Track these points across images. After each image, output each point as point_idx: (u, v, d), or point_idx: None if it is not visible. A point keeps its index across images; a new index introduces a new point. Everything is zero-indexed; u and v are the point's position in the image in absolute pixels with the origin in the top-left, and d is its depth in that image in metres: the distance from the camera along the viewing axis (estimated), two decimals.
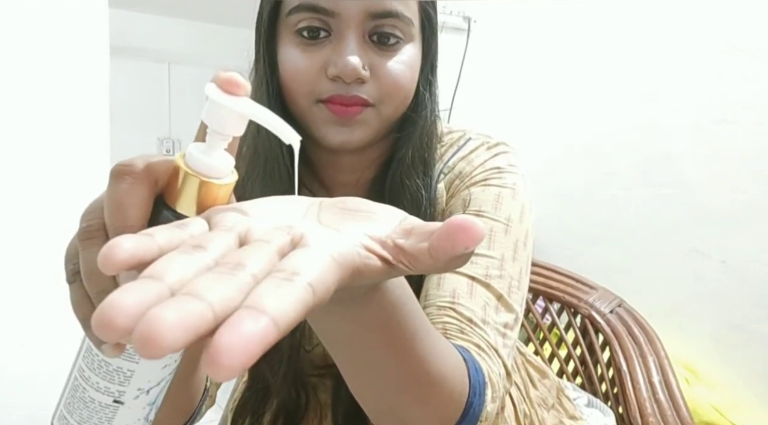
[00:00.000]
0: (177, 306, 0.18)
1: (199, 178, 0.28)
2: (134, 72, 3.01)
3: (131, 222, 0.27)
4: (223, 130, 0.28)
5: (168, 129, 3.26)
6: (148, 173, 0.28)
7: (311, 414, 0.66)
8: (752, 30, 1.28)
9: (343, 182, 0.63)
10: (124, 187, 0.27)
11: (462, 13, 1.74)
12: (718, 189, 1.33)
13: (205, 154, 0.29)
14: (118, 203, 0.27)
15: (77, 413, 0.34)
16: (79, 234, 0.29)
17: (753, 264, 1.27)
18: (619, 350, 0.92)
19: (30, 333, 1.08)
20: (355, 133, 0.55)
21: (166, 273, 0.20)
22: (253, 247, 0.22)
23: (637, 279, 1.44)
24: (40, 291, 1.08)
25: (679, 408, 0.84)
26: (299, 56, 0.54)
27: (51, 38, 1.06)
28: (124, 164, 0.28)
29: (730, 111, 1.31)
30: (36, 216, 1.07)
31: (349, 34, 0.53)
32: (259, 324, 0.18)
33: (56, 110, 1.08)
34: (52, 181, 1.08)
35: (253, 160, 0.59)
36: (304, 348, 0.63)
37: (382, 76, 0.55)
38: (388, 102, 0.56)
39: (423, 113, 0.59)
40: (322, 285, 0.21)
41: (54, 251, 1.09)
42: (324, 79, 0.54)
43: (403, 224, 0.28)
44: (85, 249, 0.28)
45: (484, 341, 0.49)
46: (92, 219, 0.29)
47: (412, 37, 0.56)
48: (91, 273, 0.28)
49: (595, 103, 1.60)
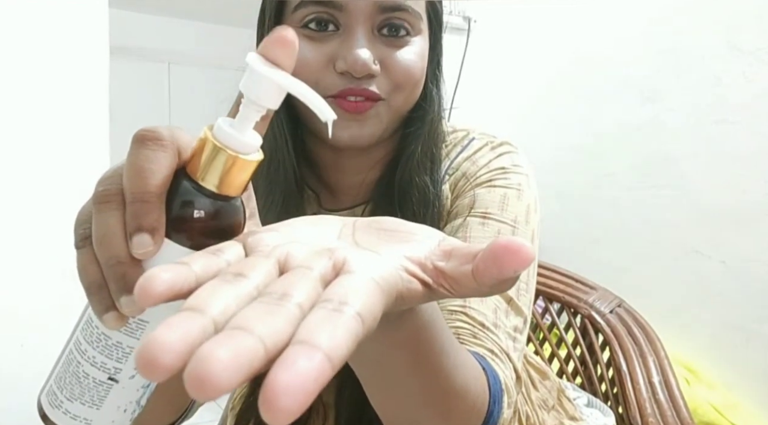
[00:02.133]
0: (229, 343, 0.17)
1: (227, 151, 0.27)
2: (134, 72, 3.01)
3: (152, 189, 0.26)
4: (259, 100, 0.27)
5: None
6: (173, 141, 0.27)
7: (314, 416, 0.65)
8: (752, 30, 1.28)
9: (348, 184, 0.63)
10: (147, 152, 0.26)
11: (462, 13, 1.74)
12: (718, 189, 1.33)
13: (235, 128, 0.27)
14: (140, 168, 0.26)
15: (68, 389, 0.32)
16: (95, 198, 0.28)
17: (753, 264, 1.27)
18: (619, 350, 0.92)
19: (30, 333, 1.08)
20: (365, 128, 0.54)
21: (209, 305, 0.19)
22: (296, 275, 0.21)
23: (637, 279, 1.44)
24: (40, 291, 1.08)
25: (678, 409, 0.84)
26: (306, 48, 0.53)
27: (51, 38, 1.06)
28: (148, 129, 0.27)
29: (730, 111, 1.31)
30: (36, 216, 1.07)
31: (357, 28, 0.52)
32: (314, 362, 0.17)
33: (56, 110, 1.08)
34: (52, 181, 1.08)
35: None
36: None
37: (393, 68, 0.54)
38: (399, 93, 0.55)
39: (431, 108, 0.59)
40: (370, 315, 0.20)
41: (53, 251, 1.09)
42: (332, 73, 0.53)
43: (441, 245, 0.26)
44: (100, 212, 0.27)
45: (497, 346, 0.48)
46: (110, 184, 0.28)
47: (420, 31, 0.56)
48: (104, 237, 0.27)
49: (595, 103, 1.60)
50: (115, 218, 0.27)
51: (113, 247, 0.27)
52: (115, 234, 0.27)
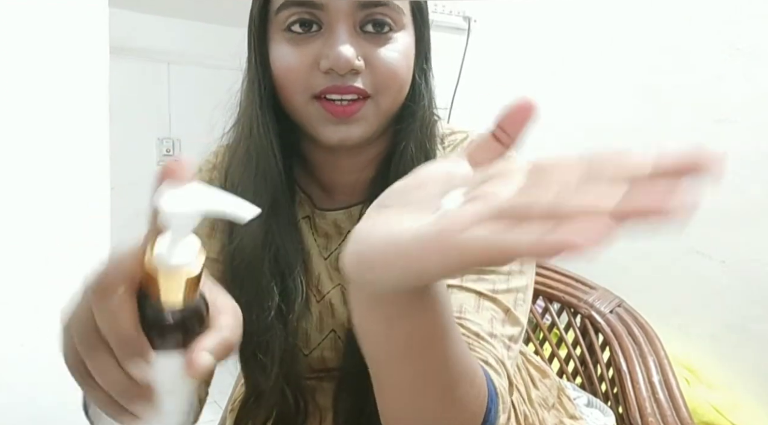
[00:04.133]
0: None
1: (178, 272, 0.30)
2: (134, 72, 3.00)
3: (129, 332, 0.30)
4: (179, 231, 0.30)
5: (168, 129, 3.26)
6: (124, 280, 0.29)
7: (310, 418, 0.65)
8: (752, 30, 1.28)
9: (343, 183, 0.63)
10: (111, 305, 0.29)
11: (462, 13, 1.74)
12: (718, 189, 1.33)
13: (171, 249, 0.30)
14: (112, 322, 0.29)
15: None
16: (84, 351, 0.31)
17: (753, 264, 1.27)
18: (619, 350, 0.92)
19: (29, 333, 1.08)
20: (354, 130, 0.54)
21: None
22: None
23: (637, 279, 1.44)
24: (40, 291, 1.08)
25: (678, 408, 0.84)
26: (290, 52, 0.53)
27: (51, 38, 1.06)
28: (97, 281, 0.29)
29: (730, 111, 1.31)
30: (35, 216, 1.07)
31: (339, 26, 0.52)
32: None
33: (56, 110, 1.08)
34: (52, 181, 1.08)
35: (244, 160, 0.58)
36: (302, 352, 0.63)
37: (377, 66, 0.53)
38: (385, 92, 0.54)
39: (421, 104, 0.58)
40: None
41: (53, 251, 1.09)
42: (317, 73, 0.53)
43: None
44: (92, 360, 0.31)
45: (492, 355, 0.48)
46: (86, 332, 0.31)
47: (403, 26, 0.55)
48: (103, 376, 0.31)
49: (595, 103, 1.60)
50: (110, 362, 0.31)
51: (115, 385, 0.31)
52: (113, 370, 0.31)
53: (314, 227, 0.64)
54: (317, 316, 0.63)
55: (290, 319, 0.59)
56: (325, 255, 0.63)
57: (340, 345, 0.62)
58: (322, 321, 0.63)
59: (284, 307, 0.58)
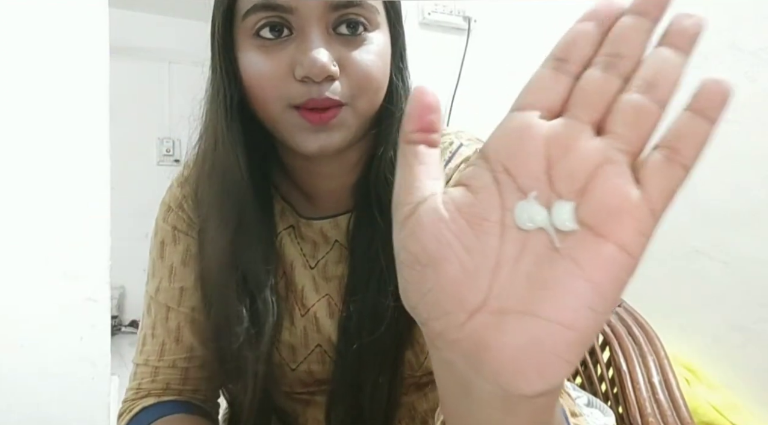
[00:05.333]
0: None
1: None
2: (134, 72, 3.00)
3: None
4: None
5: (168, 129, 3.26)
6: None
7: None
8: (752, 30, 1.28)
9: (326, 189, 0.61)
10: None
11: (462, 13, 1.74)
12: (718, 189, 1.33)
13: None
14: None
15: None
16: None
17: (754, 264, 1.27)
18: (619, 350, 0.92)
19: (30, 333, 1.08)
20: (334, 137, 0.52)
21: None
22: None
23: (637, 279, 1.43)
24: (40, 291, 1.08)
25: (678, 408, 0.84)
26: (262, 60, 0.50)
27: (50, 38, 1.06)
28: None
29: (730, 111, 1.31)
30: (35, 216, 1.07)
31: (311, 29, 0.49)
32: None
33: (56, 110, 1.07)
34: (52, 181, 1.08)
35: (211, 176, 0.57)
36: (289, 367, 0.61)
37: (353, 70, 0.51)
38: (362, 96, 0.52)
39: (399, 105, 0.56)
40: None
41: (53, 250, 1.09)
42: (292, 81, 0.50)
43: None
44: None
45: None
46: None
47: (378, 25, 0.53)
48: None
49: None
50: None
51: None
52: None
53: (299, 236, 0.62)
54: (302, 331, 0.61)
55: (262, 342, 0.56)
56: (312, 264, 0.61)
57: (327, 359, 0.61)
58: (307, 336, 0.61)
59: (254, 331, 0.56)
